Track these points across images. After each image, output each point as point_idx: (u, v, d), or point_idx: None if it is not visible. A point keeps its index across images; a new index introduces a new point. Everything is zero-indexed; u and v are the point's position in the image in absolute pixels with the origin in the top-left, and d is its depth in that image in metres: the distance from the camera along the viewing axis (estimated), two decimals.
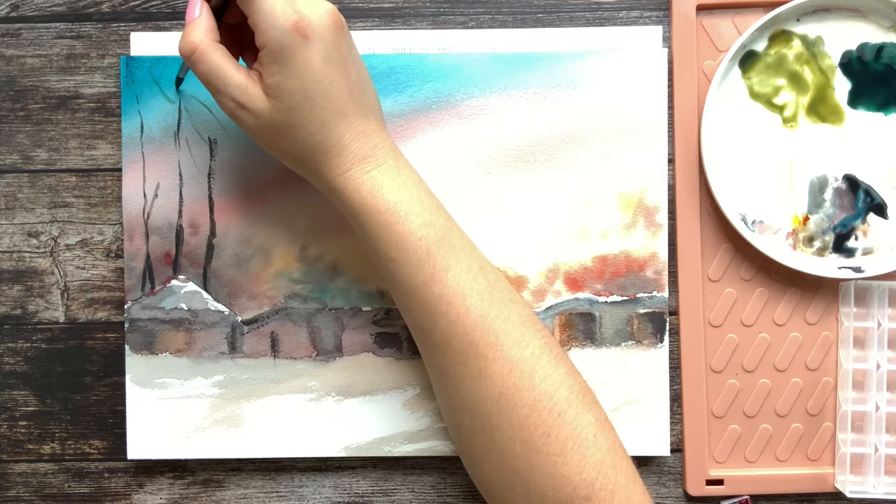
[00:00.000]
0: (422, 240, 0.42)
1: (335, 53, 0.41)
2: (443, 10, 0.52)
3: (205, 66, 0.40)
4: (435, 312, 0.42)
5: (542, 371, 0.41)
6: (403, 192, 0.42)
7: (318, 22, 0.40)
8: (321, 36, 0.40)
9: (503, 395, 0.41)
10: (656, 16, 0.52)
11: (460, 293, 0.41)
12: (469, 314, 0.41)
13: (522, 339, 0.42)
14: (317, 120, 0.41)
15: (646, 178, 0.51)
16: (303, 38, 0.39)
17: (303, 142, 0.42)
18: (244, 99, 0.41)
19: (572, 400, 0.41)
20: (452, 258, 0.42)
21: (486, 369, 0.41)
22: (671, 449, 0.51)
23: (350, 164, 0.42)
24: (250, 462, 0.52)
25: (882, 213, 0.51)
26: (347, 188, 0.42)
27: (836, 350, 0.52)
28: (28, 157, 0.52)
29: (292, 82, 0.40)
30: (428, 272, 0.42)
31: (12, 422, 0.52)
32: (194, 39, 0.40)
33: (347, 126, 0.42)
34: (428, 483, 0.52)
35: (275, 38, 0.39)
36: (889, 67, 0.51)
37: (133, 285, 0.51)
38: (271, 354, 0.51)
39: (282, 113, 0.41)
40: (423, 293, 0.42)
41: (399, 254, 0.42)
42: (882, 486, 0.50)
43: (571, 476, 0.40)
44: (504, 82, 0.51)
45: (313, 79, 0.40)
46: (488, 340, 0.41)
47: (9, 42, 0.52)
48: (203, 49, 0.40)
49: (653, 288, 0.51)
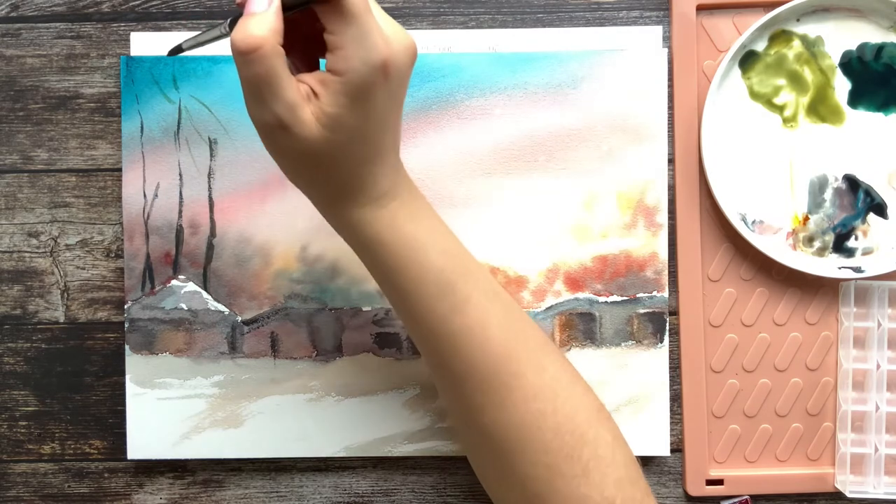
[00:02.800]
0: (442, 271, 0.40)
1: (399, 93, 0.37)
2: (443, 10, 0.52)
3: (261, 70, 0.34)
4: (456, 344, 0.40)
5: (563, 394, 0.41)
6: (420, 223, 0.40)
7: (400, 59, 0.36)
8: (399, 76, 0.36)
9: (526, 421, 0.40)
10: (656, 16, 0.52)
11: (481, 323, 0.40)
12: (491, 343, 0.40)
13: (541, 363, 0.41)
14: (358, 158, 0.37)
15: (646, 178, 0.51)
16: (384, 77, 0.35)
17: (333, 177, 0.38)
18: (290, 120, 0.35)
19: (591, 420, 0.41)
20: (472, 286, 0.41)
21: (510, 397, 0.40)
22: (671, 449, 0.51)
23: (368, 199, 0.39)
24: (250, 462, 0.52)
25: (882, 213, 0.51)
26: (363, 222, 0.39)
27: (836, 350, 0.52)
28: (28, 157, 0.52)
29: (356, 119, 0.36)
30: (449, 303, 0.40)
31: (12, 422, 0.52)
32: (259, 36, 0.33)
33: (381, 164, 0.39)
34: (428, 483, 0.52)
35: (362, 72, 0.34)
36: (889, 67, 0.51)
37: (133, 285, 0.51)
38: (271, 354, 0.51)
39: (328, 145, 0.36)
40: (444, 325, 0.40)
41: (418, 287, 0.40)
42: (882, 486, 0.50)
43: (594, 496, 0.40)
44: (504, 82, 0.51)
45: (375, 119, 0.36)
46: (510, 368, 0.40)
47: (9, 42, 0.52)
48: (266, 51, 0.34)
49: (653, 288, 0.51)
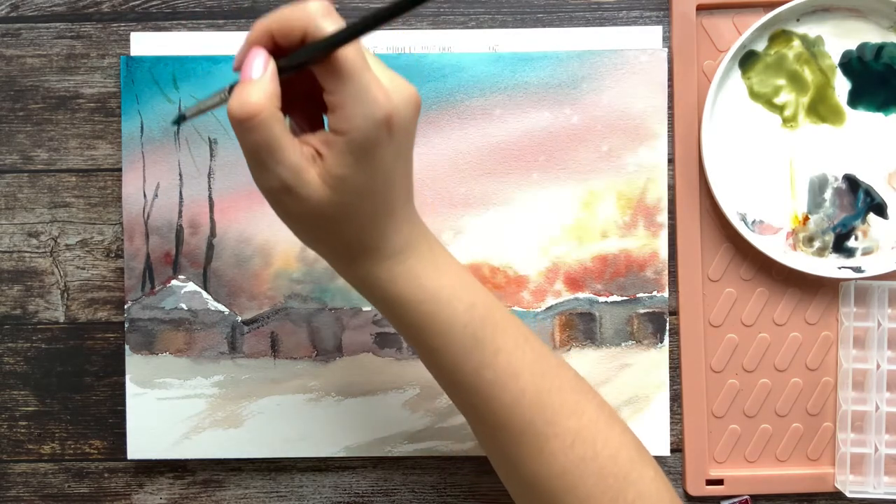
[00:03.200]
0: (467, 326, 0.38)
1: (406, 146, 0.36)
2: (443, 10, 0.52)
3: (260, 138, 0.33)
4: (488, 397, 0.39)
5: (602, 436, 0.39)
6: (441, 276, 0.38)
7: (403, 113, 0.34)
8: (403, 130, 0.34)
9: (567, 469, 0.38)
10: (656, 16, 0.52)
11: (513, 374, 0.38)
12: (524, 394, 0.38)
13: (578, 406, 0.39)
14: (368, 216, 0.36)
15: (646, 178, 0.51)
16: (388, 133, 0.34)
17: (342, 236, 0.36)
18: (294, 182, 0.34)
19: (634, 458, 0.40)
20: (500, 338, 0.39)
21: (547, 446, 0.38)
22: (671, 449, 0.51)
23: (384, 256, 0.37)
24: (250, 462, 0.52)
25: (882, 213, 0.51)
26: (382, 280, 0.37)
27: (836, 350, 0.52)
28: (28, 157, 0.52)
29: (362, 178, 0.34)
30: (477, 359, 0.38)
31: (12, 422, 0.52)
32: (255, 103, 0.32)
33: (392, 219, 0.37)
34: (428, 483, 0.52)
35: (364, 129, 0.33)
36: (889, 67, 0.51)
37: (133, 285, 0.51)
38: (271, 354, 0.51)
39: (333, 206, 0.35)
40: (474, 380, 0.38)
41: (445, 343, 0.38)
42: (882, 486, 0.50)
43: None
44: (504, 82, 0.51)
45: (381, 176, 0.35)
46: (545, 417, 0.39)
47: (9, 42, 0.52)
48: (264, 119, 0.32)
49: (653, 288, 0.51)
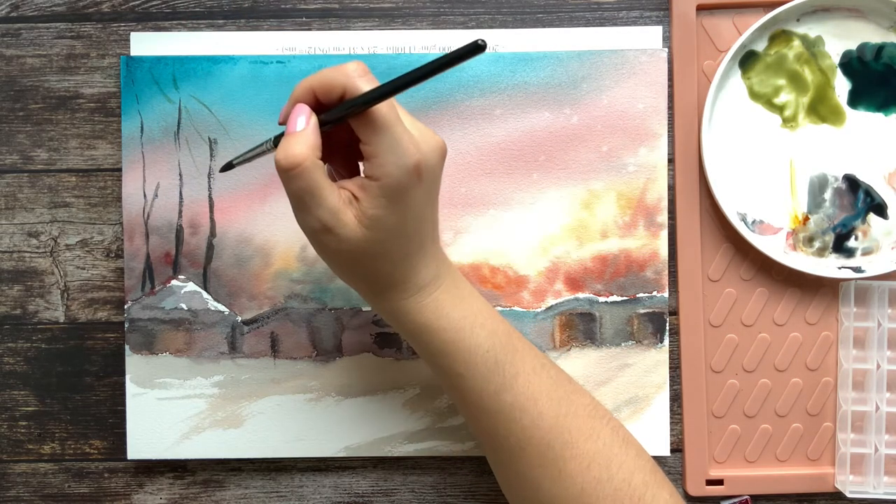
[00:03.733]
0: (489, 351, 0.41)
1: (434, 190, 0.40)
2: (443, 10, 0.52)
3: (304, 184, 0.37)
4: (508, 420, 0.41)
5: (617, 459, 0.41)
6: (465, 306, 0.42)
7: (432, 160, 0.38)
8: (431, 176, 0.38)
9: (584, 490, 0.41)
10: (656, 16, 0.52)
11: (531, 398, 0.41)
12: (542, 417, 0.41)
13: (593, 430, 0.42)
14: (400, 253, 0.39)
15: (646, 178, 0.51)
16: (418, 179, 0.37)
17: (377, 271, 0.40)
18: (333, 223, 0.38)
19: (648, 481, 0.41)
20: (519, 363, 0.42)
21: (566, 468, 0.41)
22: (671, 449, 0.51)
23: (415, 290, 0.41)
24: (250, 462, 0.52)
25: (882, 213, 0.51)
26: (411, 312, 0.41)
27: (836, 350, 0.52)
28: (28, 157, 0.52)
29: (394, 218, 0.38)
30: (498, 382, 0.41)
31: (12, 422, 0.52)
32: (299, 154, 0.36)
33: (422, 256, 0.41)
34: (428, 483, 0.52)
35: (396, 175, 0.37)
36: (889, 67, 0.51)
37: (133, 285, 0.51)
38: (271, 354, 0.51)
39: (370, 243, 0.38)
40: (495, 403, 0.41)
41: (468, 368, 0.41)
42: (882, 486, 0.50)
43: None
44: (504, 82, 0.51)
45: (413, 216, 0.39)
46: (563, 439, 0.41)
47: (9, 42, 0.52)
48: (307, 167, 0.36)
49: (653, 288, 0.51)
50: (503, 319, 0.43)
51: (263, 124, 0.50)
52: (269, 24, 0.52)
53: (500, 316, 0.43)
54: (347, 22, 0.52)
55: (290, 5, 0.52)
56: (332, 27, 0.52)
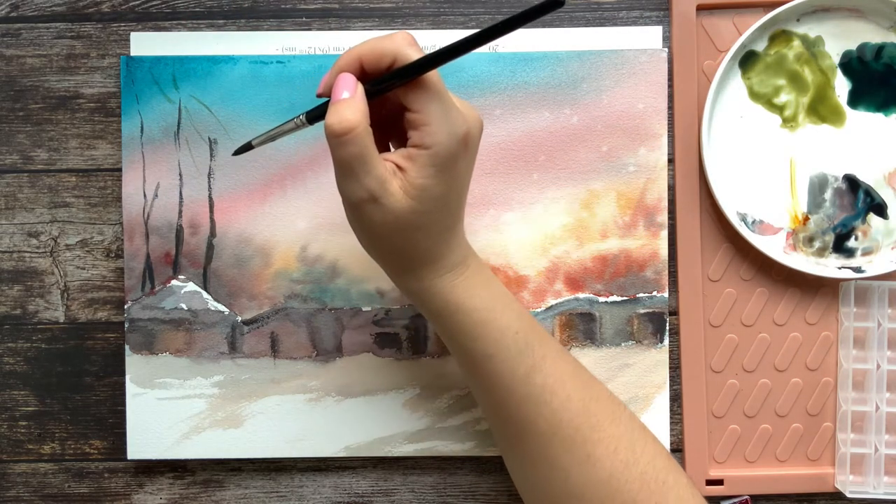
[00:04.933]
0: (519, 332, 0.42)
1: (472, 164, 0.40)
2: (443, 10, 0.52)
3: (355, 149, 0.37)
4: (539, 403, 0.41)
5: (640, 442, 0.42)
6: (491, 288, 0.42)
7: (475, 131, 0.39)
8: (474, 145, 0.39)
9: (613, 475, 0.41)
10: (656, 16, 0.52)
11: (560, 380, 0.42)
12: (571, 400, 0.41)
13: (615, 413, 0.42)
14: (441, 226, 0.40)
15: (646, 178, 0.51)
16: (465, 148, 0.38)
17: (417, 246, 0.40)
18: (380, 192, 0.38)
19: (669, 465, 0.42)
20: (546, 346, 0.42)
21: (595, 452, 0.41)
22: (671, 449, 0.51)
23: (446, 270, 0.41)
24: (250, 462, 0.52)
25: (882, 213, 0.51)
26: (443, 291, 0.41)
27: (836, 350, 0.52)
28: (28, 157, 0.52)
29: (441, 188, 0.38)
30: (529, 363, 0.41)
31: (12, 422, 0.52)
32: (352, 118, 0.36)
33: (457, 233, 0.41)
34: (428, 483, 0.52)
35: (447, 144, 0.37)
36: (889, 67, 0.51)
37: (133, 285, 0.51)
38: (271, 354, 0.51)
39: (415, 215, 0.38)
40: (526, 385, 0.41)
41: (499, 349, 0.41)
42: (882, 486, 0.50)
43: None
44: (504, 82, 0.51)
45: (458, 187, 0.39)
46: (591, 422, 0.41)
47: (9, 42, 0.52)
48: (359, 132, 0.37)
49: (653, 288, 0.51)
50: (524, 307, 0.44)
51: (263, 124, 0.50)
52: (269, 24, 0.52)
53: (521, 304, 0.44)
54: (347, 22, 0.52)
55: (290, 5, 0.52)
56: (332, 27, 0.52)
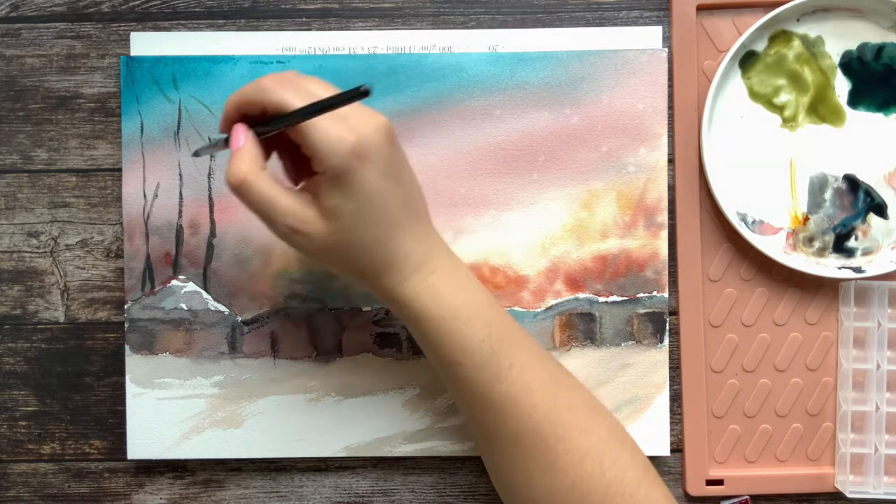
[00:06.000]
0: (485, 341, 0.42)
1: (389, 168, 0.40)
2: (443, 10, 0.52)
3: (254, 197, 0.39)
4: (502, 411, 0.42)
5: (610, 455, 0.42)
6: (463, 294, 0.42)
7: (373, 139, 0.39)
8: (378, 154, 0.39)
9: (576, 484, 0.41)
10: (656, 16, 0.52)
11: (526, 389, 0.42)
12: (536, 409, 0.42)
13: (588, 425, 0.42)
14: (373, 237, 0.40)
15: (646, 178, 0.51)
16: (361, 160, 0.39)
17: (359, 258, 0.41)
18: (298, 224, 0.40)
19: (641, 479, 0.42)
20: (515, 355, 0.42)
21: (558, 461, 0.41)
22: (671, 449, 0.51)
23: (408, 274, 0.41)
24: (250, 462, 0.52)
25: (882, 213, 0.51)
26: (407, 297, 0.42)
27: (836, 350, 0.52)
28: (28, 157, 0.52)
29: (351, 204, 0.39)
30: (493, 372, 0.42)
31: (12, 422, 0.52)
32: (240, 171, 0.39)
33: (402, 237, 0.41)
34: (428, 483, 0.52)
35: (335, 163, 0.38)
36: (889, 67, 0.51)
37: (133, 285, 0.51)
38: (271, 354, 0.51)
39: (339, 234, 0.40)
40: (490, 393, 0.42)
41: (464, 357, 0.42)
42: (882, 486, 0.50)
43: None
44: (504, 82, 0.51)
45: (370, 198, 0.39)
46: (556, 433, 0.41)
47: (9, 42, 0.52)
48: (250, 180, 0.39)
49: (653, 288, 0.51)
50: (501, 309, 0.43)
51: None
52: (268, 24, 0.52)
53: (497, 305, 0.43)
54: (347, 22, 0.52)
55: (290, 5, 0.52)
56: (332, 27, 0.52)
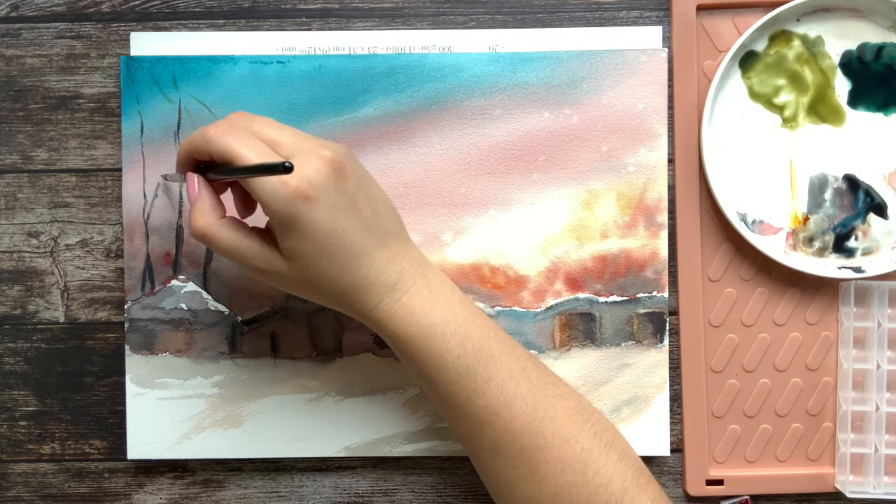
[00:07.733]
0: (460, 357, 0.42)
1: (342, 200, 0.40)
2: (443, 10, 0.52)
3: (219, 245, 0.41)
4: (481, 424, 0.42)
5: (593, 465, 0.41)
6: (437, 311, 0.42)
7: (316, 178, 0.39)
8: (324, 190, 0.39)
9: (558, 494, 0.41)
10: (656, 16, 0.52)
11: (504, 402, 0.42)
12: (515, 421, 0.42)
13: (571, 435, 0.42)
14: (337, 268, 0.41)
15: (646, 178, 0.51)
16: (306, 201, 0.39)
17: (329, 289, 0.42)
18: (263, 265, 0.41)
19: (627, 487, 0.41)
20: (493, 368, 0.42)
21: (539, 471, 0.41)
22: (671, 449, 0.51)
23: (380, 297, 0.42)
24: (250, 462, 0.52)
25: (882, 213, 0.51)
26: (381, 320, 0.42)
27: (836, 350, 0.52)
28: (28, 157, 0.52)
29: (307, 244, 0.40)
30: (469, 387, 0.42)
31: (12, 422, 0.52)
32: (200, 224, 0.41)
33: (369, 263, 0.41)
34: (428, 483, 0.52)
35: (279, 209, 0.39)
36: (889, 67, 0.51)
37: (133, 285, 0.51)
38: (271, 354, 0.51)
39: (302, 271, 0.41)
40: (468, 407, 0.42)
41: (440, 373, 0.42)
42: (882, 486, 0.50)
43: None
44: (504, 82, 0.51)
45: (326, 234, 0.40)
46: (537, 444, 0.41)
47: (9, 42, 0.52)
48: (212, 232, 0.41)
49: (653, 288, 0.51)
50: (482, 321, 0.43)
51: None
52: (269, 24, 0.52)
53: (480, 319, 0.43)
54: (347, 22, 0.52)
55: (290, 5, 0.52)
56: (332, 27, 0.52)
